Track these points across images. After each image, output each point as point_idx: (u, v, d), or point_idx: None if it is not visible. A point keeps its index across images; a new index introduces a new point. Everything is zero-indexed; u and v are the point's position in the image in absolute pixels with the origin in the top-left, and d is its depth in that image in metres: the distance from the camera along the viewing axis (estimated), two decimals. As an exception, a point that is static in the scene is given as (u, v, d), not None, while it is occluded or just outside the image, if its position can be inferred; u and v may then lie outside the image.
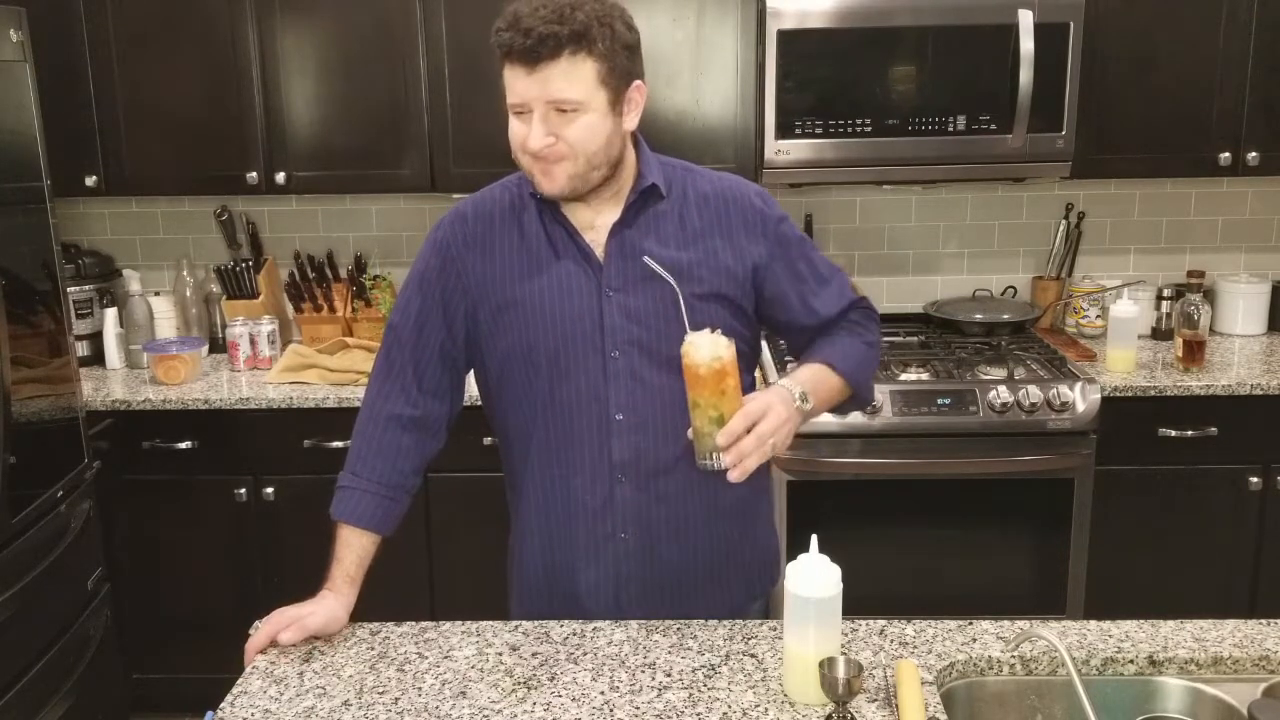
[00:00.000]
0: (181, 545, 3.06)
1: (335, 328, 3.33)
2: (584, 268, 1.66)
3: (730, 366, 1.51)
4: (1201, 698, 1.52)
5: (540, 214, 1.68)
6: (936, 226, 3.46)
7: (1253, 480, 2.91)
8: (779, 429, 1.53)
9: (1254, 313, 3.34)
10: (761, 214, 1.71)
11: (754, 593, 1.85)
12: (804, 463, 2.84)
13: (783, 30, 2.87)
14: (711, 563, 1.76)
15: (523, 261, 1.67)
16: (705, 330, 1.53)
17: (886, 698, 1.46)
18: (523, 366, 1.68)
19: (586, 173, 1.58)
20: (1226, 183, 3.40)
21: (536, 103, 1.53)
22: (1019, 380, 2.86)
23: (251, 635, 1.63)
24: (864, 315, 1.82)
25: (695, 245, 1.68)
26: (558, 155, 1.56)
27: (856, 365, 1.75)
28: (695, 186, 1.71)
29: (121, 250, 3.51)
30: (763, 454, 1.52)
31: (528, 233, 1.68)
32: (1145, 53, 2.99)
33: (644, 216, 1.67)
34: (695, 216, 1.69)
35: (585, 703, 1.47)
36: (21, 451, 2.39)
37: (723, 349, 1.51)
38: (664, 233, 1.67)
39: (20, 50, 2.48)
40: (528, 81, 1.52)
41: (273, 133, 3.08)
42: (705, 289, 1.66)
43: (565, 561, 1.74)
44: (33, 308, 2.52)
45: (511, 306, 1.67)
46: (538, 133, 1.54)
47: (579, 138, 1.55)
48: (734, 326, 1.67)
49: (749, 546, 1.82)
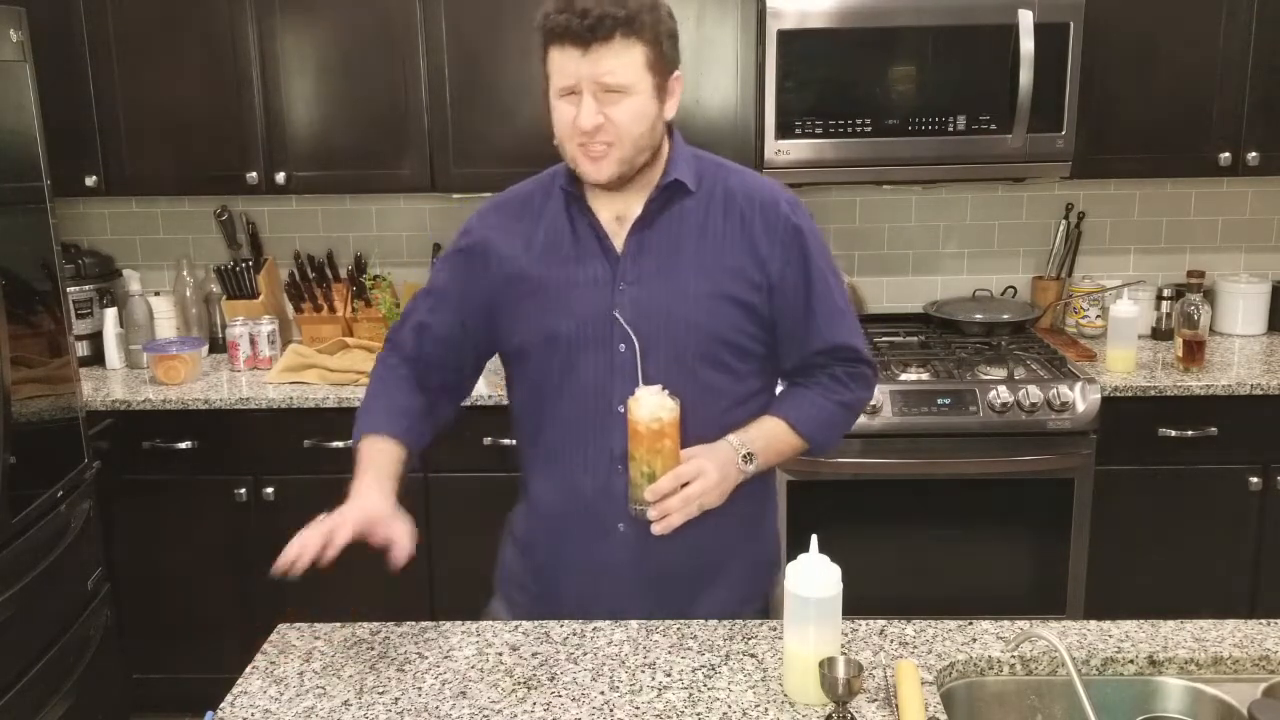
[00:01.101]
0: (181, 545, 3.05)
1: (335, 328, 3.33)
2: (602, 260, 1.68)
3: (669, 428, 1.56)
4: (1201, 698, 1.52)
5: (568, 206, 1.70)
6: (936, 226, 3.46)
7: (1253, 480, 2.91)
8: (707, 492, 1.59)
9: (1254, 313, 3.34)
10: (787, 221, 1.69)
11: (750, 595, 1.83)
12: (804, 463, 2.83)
13: (783, 30, 2.87)
14: (708, 563, 1.76)
15: (545, 252, 1.70)
16: (655, 388, 1.57)
17: (886, 698, 1.46)
18: (536, 353, 1.70)
19: (633, 157, 1.61)
20: (1226, 183, 3.40)
21: (587, 83, 1.56)
22: (1019, 380, 2.86)
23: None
24: (852, 375, 1.76)
25: (714, 245, 1.67)
26: (605, 139, 1.58)
27: (819, 427, 1.74)
28: (726, 184, 1.71)
29: (121, 250, 3.51)
30: (688, 513, 1.58)
31: (554, 224, 1.70)
32: (1145, 53, 2.99)
33: (669, 212, 1.68)
34: (720, 215, 1.69)
35: (585, 703, 1.47)
36: (21, 451, 2.39)
37: (665, 411, 1.56)
38: (685, 229, 1.68)
39: (20, 50, 2.48)
40: (580, 62, 1.55)
41: (273, 133, 3.08)
42: (719, 290, 1.66)
43: (556, 547, 1.76)
44: (33, 308, 2.52)
45: (531, 295, 1.69)
46: (589, 110, 1.56)
47: (626, 120, 1.57)
48: (747, 329, 1.68)
49: (748, 549, 1.81)
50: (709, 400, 1.66)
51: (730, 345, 1.68)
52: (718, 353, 1.68)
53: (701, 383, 1.66)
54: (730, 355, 1.69)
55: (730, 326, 1.67)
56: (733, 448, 1.65)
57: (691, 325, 1.65)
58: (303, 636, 1.67)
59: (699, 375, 1.66)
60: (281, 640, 1.66)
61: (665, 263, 1.66)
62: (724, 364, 1.68)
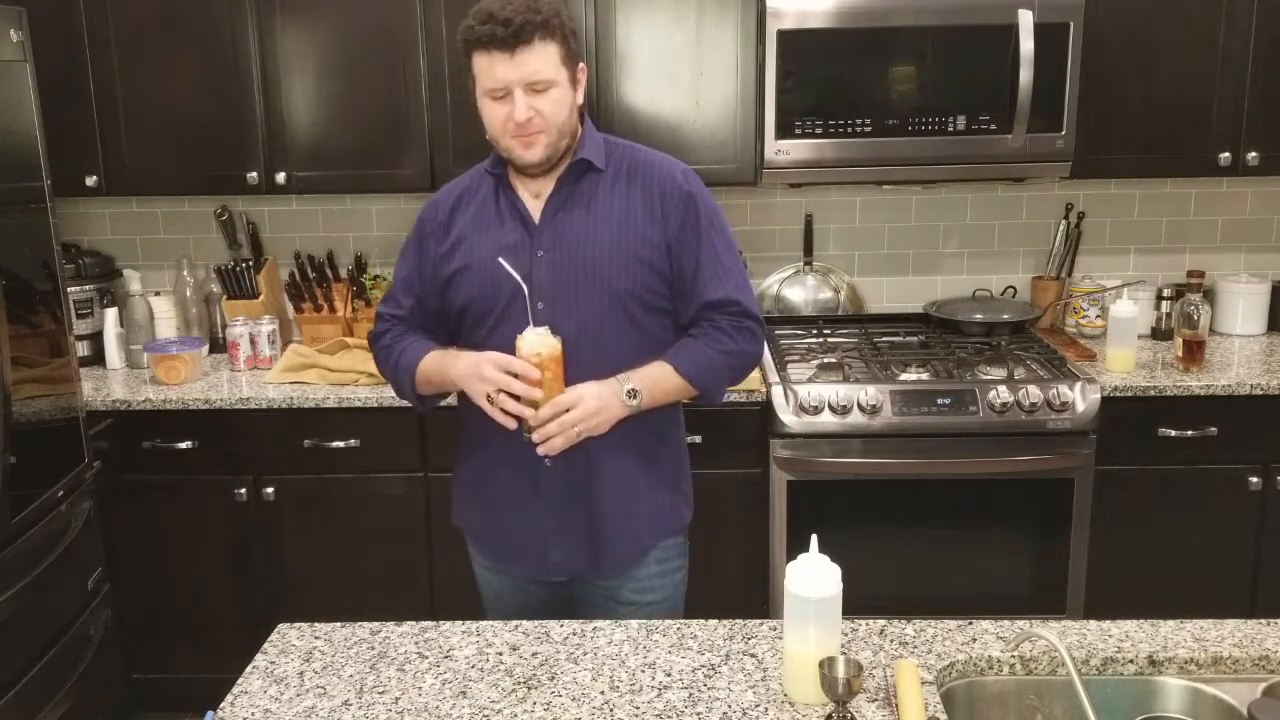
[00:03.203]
0: (181, 545, 3.06)
1: (335, 328, 3.33)
2: (522, 231, 1.93)
3: (548, 362, 1.80)
4: (1201, 698, 1.52)
5: (496, 189, 1.96)
6: (936, 226, 3.46)
7: (1253, 480, 2.91)
8: (587, 419, 1.83)
9: (1254, 313, 3.34)
10: (680, 189, 1.92)
11: (661, 530, 2.01)
12: (804, 463, 2.84)
13: (783, 30, 2.87)
14: (618, 488, 1.95)
15: (476, 229, 1.95)
16: (541, 329, 1.83)
17: (886, 698, 1.46)
18: (471, 314, 1.95)
19: (558, 141, 1.87)
20: (1226, 183, 3.40)
21: (516, 84, 1.81)
22: (1019, 380, 2.86)
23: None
24: (736, 327, 1.95)
25: (622, 212, 1.91)
26: (536, 128, 1.83)
27: (700, 371, 1.93)
28: (630, 160, 1.96)
29: (121, 250, 3.51)
30: (568, 438, 1.83)
31: (483, 206, 1.97)
32: (1145, 53, 2.99)
33: (580, 186, 1.93)
34: (624, 186, 1.93)
35: (585, 702, 1.47)
36: (22, 451, 2.39)
37: (544, 347, 1.80)
38: (595, 200, 1.92)
39: (20, 50, 2.48)
40: (508, 65, 1.79)
41: (273, 133, 3.08)
42: (629, 253, 1.89)
43: (492, 473, 2.00)
44: (33, 308, 2.52)
45: (465, 268, 1.94)
46: (522, 106, 1.81)
47: (552, 110, 1.84)
48: (652, 285, 1.91)
49: (657, 479, 2.01)
50: (621, 351, 1.90)
51: (638, 299, 1.91)
52: (628, 306, 1.90)
53: (612, 335, 1.90)
54: (639, 309, 1.91)
55: (637, 283, 1.90)
56: (618, 382, 1.87)
57: (602, 283, 1.88)
58: (303, 636, 1.67)
59: (609, 328, 1.89)
60: (281, 640, 1.67)
61: (576, 229, 1.90)
62: (633, 318, 1.91)
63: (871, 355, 3.06)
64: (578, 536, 1.97)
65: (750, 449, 2.88)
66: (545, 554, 1.98)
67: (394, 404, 2.88)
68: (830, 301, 3.46)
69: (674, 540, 2.05)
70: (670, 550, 2.04)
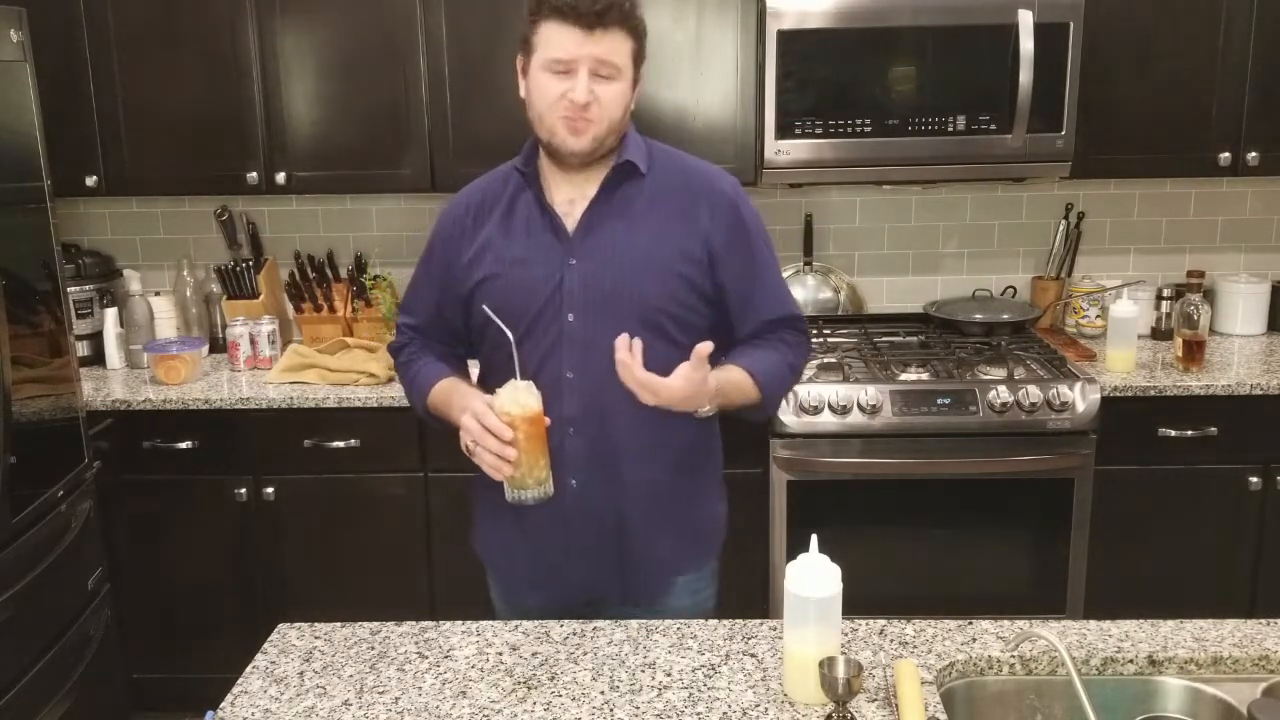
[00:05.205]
0: (181, 545, 3.06)
1: (335, 328, 3.33)
2: (554, 239, 1.80)
3: (519, 422, 1.65)
4: (1201, 697, 1.52)
5: (526, 192, 1.83)
6: (936, 226, 3.46)
7: (1253, 480, 2.91)
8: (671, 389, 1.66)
9: (1254, 313, 3.34)
10: (727, 200, 1.83)
11: (693, 554, 1.92)
12: (804, 463, 2.84)
13: (783, 30, 2.87)
14: (650, 511, 1.85)
15: (505, 234, 1.83)
16: (527, 384, 1.68)
17: (886, 698, 1.46)
18: (496, 325, 1.80)
19: (606, 136, 1.74)
20: (1226, 183, 3.40)
21: (585, 62, 1.68)
22: (1019, 380, 2.86)
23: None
24: (796, 337, 1.91)
25: (661, 225, 1.79)
26: (591, 115, 1.70)
27: (772, 380, 1.85)
28: (673, 167, 1.85)
29: (121, 250, 3.51)
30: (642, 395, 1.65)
31: (513, 210, 1.83)
32: (1145, 53, 2.99)
33: (619, 194, 1.80)
34: (667, 195, 1.81)
35: (585, 702, 1.47)
36: (22, 451, 2.39)
37: (515, 408, 1.65)
38: (634, 210, 1.80)
39: (20, 50, 2.48)
40: (583, 40, 1.67)
41: (273, 133, 3.08)
42: (664, 265, 1.78)
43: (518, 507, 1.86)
44: (33, 308, 2.52)
45: (493, 275, 1.81)
46: (584, 86, 1.68)
47: (611, 101, 1.71)
48: (688, 302, 1.80)
49: (689, 501, 1.91)
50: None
51: (672, 317, 1.79)
52: (661, 324, 1.78)
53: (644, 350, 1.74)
54: (673, 326, 1.80)
55: (672, 299, 1.79)
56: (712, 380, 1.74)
57: (636, 298, 1.77)
58: (303, 636, 1.67)
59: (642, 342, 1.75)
60: (281, 640, 1.67)
61: (614, 239, 1.78)
62: (667, 335, 1.79)
63: (871, 355, 3.06)
64: (605, 563, 1.86)
65: (750, 449, 2.88)
66: (568, 580, 1.88)
67: (394, 404, 2.88)
68: (830, 301, 3.46)
69: (709, 567, 1.96)
70: (703, 580, 1.95)
